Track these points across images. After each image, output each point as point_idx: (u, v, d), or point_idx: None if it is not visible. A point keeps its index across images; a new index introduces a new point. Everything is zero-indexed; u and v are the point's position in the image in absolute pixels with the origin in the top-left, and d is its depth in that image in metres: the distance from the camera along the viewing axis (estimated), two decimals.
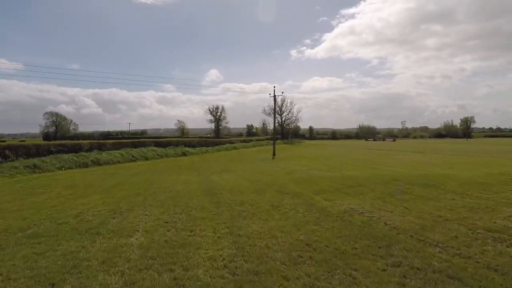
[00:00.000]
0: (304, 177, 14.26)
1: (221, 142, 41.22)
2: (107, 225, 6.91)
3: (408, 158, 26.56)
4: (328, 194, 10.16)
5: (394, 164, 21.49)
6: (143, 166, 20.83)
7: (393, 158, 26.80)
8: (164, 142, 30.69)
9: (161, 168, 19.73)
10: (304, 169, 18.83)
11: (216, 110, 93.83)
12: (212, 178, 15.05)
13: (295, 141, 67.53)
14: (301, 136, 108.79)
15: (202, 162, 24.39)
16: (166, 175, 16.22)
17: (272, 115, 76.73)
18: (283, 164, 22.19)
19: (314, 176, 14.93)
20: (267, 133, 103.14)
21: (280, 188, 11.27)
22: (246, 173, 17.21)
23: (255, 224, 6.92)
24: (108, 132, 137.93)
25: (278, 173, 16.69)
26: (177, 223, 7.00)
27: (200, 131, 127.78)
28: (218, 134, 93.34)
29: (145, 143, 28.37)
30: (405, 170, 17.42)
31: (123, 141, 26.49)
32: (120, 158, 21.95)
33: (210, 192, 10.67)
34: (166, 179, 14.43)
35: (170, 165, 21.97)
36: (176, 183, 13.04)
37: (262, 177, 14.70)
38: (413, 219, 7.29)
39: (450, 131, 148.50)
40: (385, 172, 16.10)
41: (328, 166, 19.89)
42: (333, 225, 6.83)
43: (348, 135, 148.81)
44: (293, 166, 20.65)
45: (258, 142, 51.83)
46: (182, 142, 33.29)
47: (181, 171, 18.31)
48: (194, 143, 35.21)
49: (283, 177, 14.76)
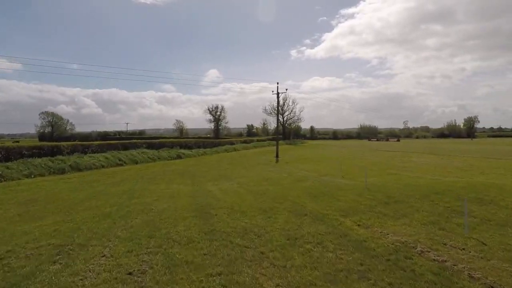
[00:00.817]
0: (319, 187, 11.72)
1: (220, 143, 38.68)
2: (35, 279, 4.38)
3: (425, 161, 24.05)
4: (360, 215, 7.62)
5: (414, 168, 18.98)
6: (129, 172, 18.29)
7: (409, 161, 24.29)
8: (157, 143, 28.13)
9: (149, 175, 17.19)
10: (314, 175, 16.30)
11: (216, 110, 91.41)
12: (207, 188, 12.53)
13: (297, 141, 65.04)
14: (302, 136, 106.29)
15: (198, 166, 21.86)
16: (152, 184, 13.69)
17: (274, 115, 74.17)
18: (290, 169, 19.66)
19: (330, 185, 12.39)
20: (267, 133, 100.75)
21: (293, 205, 8.74)
22: (248, 180, 14.68)
23: (265, 277, 4.41)
24: (105, 132, 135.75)
25: (286, 181, 14.17)
26: (146, 277, 4.47)
27: (200, 131, 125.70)
28: (218, 134, 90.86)
29: (136, 145, 25.84)
30: (433, 177, 14.91)
31: (111, 142, 23.96)
32: (105, 162, 19.41)
33: (203, 212, 8.13)
34: (151, 191, 11.90)
35: (161, 170, 19.43)
36: (161, 196, 10.51)
37: (268, 188, 12.17)
38: (507, 265, 4.78)
39: (453, 131, 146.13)
40: (412, 181, 13.59)
41: (341, 171, 17.37)
42: (389, 279, 4.32)
43: (349, 135, 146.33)
44: (301, 171, 18.12)
45: (259, 142, 49.32)
46: (178, 143, 30.73)
47: (172, 178, 15.78)
48: (191, 144, 32.66)
49: (294, 187, 12.23)
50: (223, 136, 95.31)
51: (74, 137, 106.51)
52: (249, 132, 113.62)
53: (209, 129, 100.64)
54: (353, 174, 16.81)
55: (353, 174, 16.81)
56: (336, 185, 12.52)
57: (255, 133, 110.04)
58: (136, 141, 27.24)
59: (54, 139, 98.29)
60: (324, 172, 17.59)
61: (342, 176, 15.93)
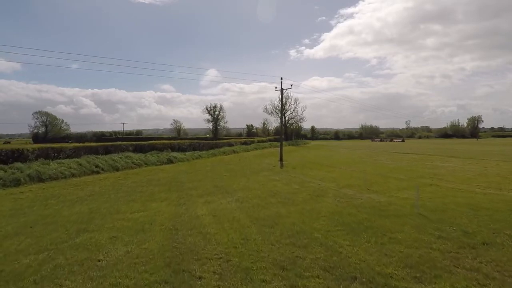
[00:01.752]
0: (352, 211, 8.45)
1: (217, 145, 35.33)
2: None
3: (453, 166, 20.81)
4: (447, 279, 4.36)
5: (449, 176, 15.74)
6: (105, 182, 14.99)
7: (435, 166, 21.04)
8: (146, 146, 24.78)
9: (128, 187, 13.90)
10: (333, 187, 13.04)
11: (214, 109, 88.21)
12: (196, 210, 9.25)
13: (299, 142, 61.73)
14: (303, 137, 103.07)
15: (190, 173, 18.57)
16: (125, 203, 10.40)
17: (275, 114, 70.63)
18: (299, 177, 16.39)
19: (364, 205, 9.13)
20: (268, 133, 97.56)
21: (326, 252, 5.46)
22: (250, 196, 11.40)
23: None
24: (101, 133, 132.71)
25: (300, 198, 10.90)
26: None
27: (199, 131, 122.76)
28: (216, 134, 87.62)
29: (121, 147, 22.54)
30: (486, 191, 11.68)
31: (90, 144, 20.68)
32: (77, 169, 16.08)
33: (179, 269, 4.85)
34: (117, 215, 8.64)
35: (144, 179, 16.13)
36: (127, 229, 7.22)
37: (279, 211, 8.88)
38: None
39: (456, 131, 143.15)
40: (469, 198, 10.37)
41: (366, 181, 14.12)
42: None
43: (351, 135, 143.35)
44: (314, 181, 14.85)
45: (260, 144, 46.02)
46: (170, 145, 27.38)
47: (155, 192, 12.49)
48: (185, 146, 29.32)
49: (314, 209, 8.94)
50: (222, 136, 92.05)
51: (69, 138, 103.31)
52: (248, 133, 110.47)
53: (209, 129, 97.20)
54: (380, 185, 13.57)
55: (379, 185, 13.57)
56: (371, 205, 9.26)
57: (255, 133, 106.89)
58: (121, 143, 23.93)
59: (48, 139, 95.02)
60: (343, 183, 14.33)
61: (367, 189, 12.70)
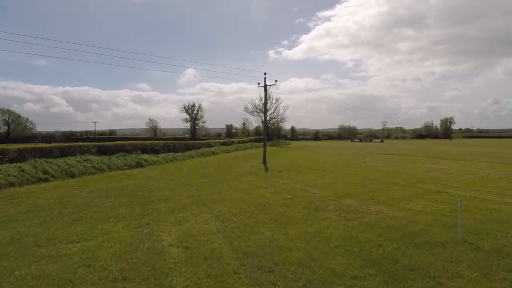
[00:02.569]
0: (375, 239, 6.39)
1: (195, 146, 32.58)
2: None
3: (447, 168, 19.65)
4: None
5: (451, 180, 14.31)
6: (51, 194, 12.07)
7: (428, 169, 19.78)
8: (112, 147, 21.70)
9: (80, 199, 11.13)
10: (330, 196, 11.04)
11: (192, 108, 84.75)
12: (160, 234, 6.84)
13: (281, 142, 60.00)
14: (283, 137, 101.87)
15: (162, 179, 15.95)
16: (65, 226, 7.76)
17: (255, 114, 68.20)
18: (289, 183, 14.29)
19: (383, 226, 7.13)
20: (248, 133, 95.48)
21: None
22: (233, 212, 9.11)
23: None
24: (71, 132, 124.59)
25: (296, 212, 8.77)
26: None
27: (177, 131, 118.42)
28: (195, 134, 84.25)
29: (81, 149, 19.39)
30: (505, 199, 10.16)
31: (42, 145, 17.43)
32: (18, 177, 13.00)
33: None
34: (47, 247, 6.06)
35: (104, 188, 13.34)
36: (42, 284, 4.72)
37: (274, 235, 6.67)
38: None
39: (430, 131, 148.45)
40: (500, 213, 8.71)
41: (365, 188, 12.27)
42: None
43: (330, 135, 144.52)
44: (307, 189, 12.80)
45: (241, 144, 43.70)
46: (140, 146, 24.39)
47: (112, 207, 9.87)
48: (158, 148, 26.40)
49: (321, 233, 6.81)
50: (200, 136, 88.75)
51: (35, 137, 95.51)
52: (228, 133, 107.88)
53: (187, 129, 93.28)
54: (382, 193, 11.77)
55: (382, 193, 11.76)
56: (388, 224, 7.29)
57: (235, 133, 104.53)
58: (82, 144, 20.71)
59: (10, 139, 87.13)
60: (341, 190, 12.39)
61: (371, 198, 10.83)
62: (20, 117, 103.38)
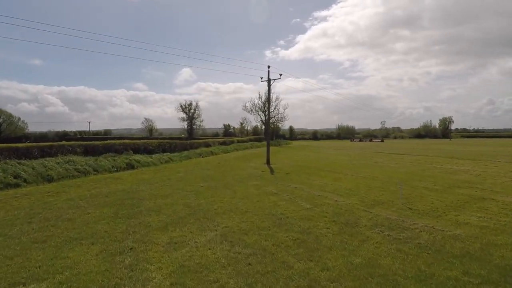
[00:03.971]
0: (459, 278, 4.48)
1: (192, 145, 30.49)
2: None
3: (472, 169, 17.85)
4: None
5: (503, 188, 12.43)
6: (18, 204, 9.95)
7: (456, 171, 17.96)
8: (100, 147, 19.55)
9: (53, 210, 9.04)
10: (359, 206, 9.08)
11: (189, 107, 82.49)
12: (147, 272, 4.82)
13: (281, 142, 58.03)
14: (282, 137, 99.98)
15: (154, 184, 13.90)
16: (19, 251, 5.71)
17: (254, 112, 66.16)
18: (302, 188, 12.30)
19: (452, 252, 5.21)
20: (247, 133, 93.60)
21: None
22: (244, 229, 7.12)
23: None
24: (64, 132, 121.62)
25: (327, 232, 6.81)
26: None
27: (174, 131, 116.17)
28: (192, 134, 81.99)
29: (65, 149, 17.23)
30: None
31: (17, 145, 15.28)
32: None
33: None
34: None
35: (86, 195, 11.25)
36: None
37: (309, 270, 4.70)
38: None
39: (429, 131, 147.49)
40: None
41: (395, 195, 10.36)
42: None
43: (329, 135, 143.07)
44: (327, 195, 10.82)
45: (241, 144, 41.65)
46: (132, 146, 22.25)
47: (89, 222, 7.82)
48: (152, 148, 24.28)
49: (374, 265, 4.86)
50: (198, 136, 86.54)
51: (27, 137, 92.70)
52: (226, 132, 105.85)
53: (183, 128, 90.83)
54: (419, 200, 9.85)
55: (418, 200, 9.85)
56: (462, 251, 5.35)
57: (233, 133, 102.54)
58: (65, 143, 18.54)
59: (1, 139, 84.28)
60: (368, 198, 10.45)
61: (408, 208, 8.91)
62: (11, 116, 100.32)
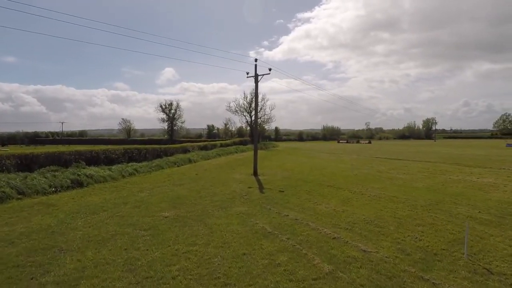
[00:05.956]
0: None
1: (167, 151, 26.34)
2: None
3: (505, 183, 14.98)
4: None
5: None
6: None
7: (486, 185, 15.01)
8: (42, 157, 15.16)
9: None
10: (407, 266, 5.54)
11: (170, 107, 77.64)
12: None
13: (269, 144, 54.51)
14: (267, 138, 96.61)
15: (99, 214, 9.91)
16: None
17: (239, 113, 62.07)
18: (308, 223, 8.68)
19: None
20: (231, 134, 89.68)
21: None
22: None
23: None
24: (35, 133, 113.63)
25: None
26: None
27: (157, 131, 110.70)
28: (172, 135, 77.20)
29: None
30: None
31: None
32: None
33: None
34: None
35: None
36: None
37: None
38: None
39: (413, 132, 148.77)
40: None
41: (456, 240, 6.97)
42: None
43: (314, 136, 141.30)
44: (349, 241, 7.26)
45: (224, 148, 37.76)
46: (88, 154, 17.89)
47: None
48: (115, 156, 20.06)
49: None
50: (180, 137, 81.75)
51: None
52: (209, 134, 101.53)
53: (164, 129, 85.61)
54: (476, 242, 6.51)
55: (475, 242, 6.50)
56: None
57: (217, 134, 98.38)
58: None
59: None
60: (407, 242, 7.00)
61: (487, 270, 5.51)
62: None
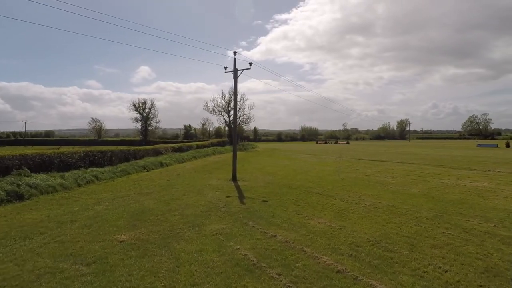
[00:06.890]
0: None
1: (136, 154, 23.77)
2: None
3: (504, 188, 14.16)
4: None
5: None
6: None
7: (486, 191, 14.09)
8: None
9: None
10: None
11: (143, 106, 73.54)
12: None
13: (248, 145, 52.66)
14: (246, 138, 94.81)
15: (32, 239, 7.59)
16: None
17: (217, 113, 59.59)
18: (305, 248, 6.91)
19: None
20: (209, 135, 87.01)
21: None
22: None
23: None
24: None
25: None
26: None
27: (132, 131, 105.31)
28: (146, 136, 73.26)
29: None
30: None
31: None
32: None
33: None
34: None
35: None
36: None
37: None
38: None
39: (388, 133, 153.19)
40: None
41: (478, 269, 5.51)
42: None
43: (293, 137, 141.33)
44: (359, 278, 5.60)
45: (201, 150, 35.45)
46: (39, 159, 15.12)
47: None
48: (73, 160, 17.34)
49: None
50: (155, 138, 77.97)
51: None
52: (186, 134, 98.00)
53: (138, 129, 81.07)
54: None
55: None
56: None
57: (194, 134, 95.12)
58: None
59: None
60: (432, 275, 5.42)
61: None
62: None
